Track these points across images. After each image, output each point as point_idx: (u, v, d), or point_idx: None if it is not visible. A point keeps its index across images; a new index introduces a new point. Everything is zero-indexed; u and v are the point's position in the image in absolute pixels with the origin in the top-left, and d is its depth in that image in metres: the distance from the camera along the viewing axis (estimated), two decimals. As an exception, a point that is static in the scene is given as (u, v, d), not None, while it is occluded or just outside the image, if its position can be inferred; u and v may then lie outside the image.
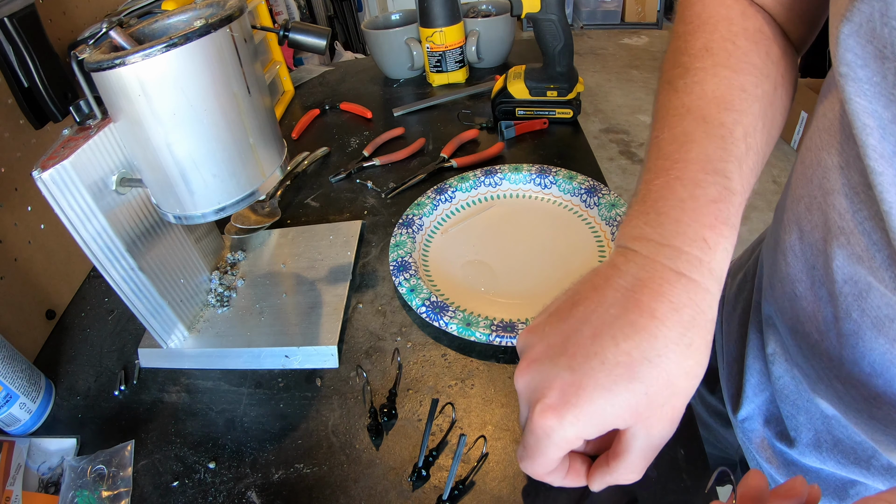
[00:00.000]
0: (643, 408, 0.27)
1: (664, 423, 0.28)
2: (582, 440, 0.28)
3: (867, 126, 0.26)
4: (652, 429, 0.28)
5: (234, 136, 0.42)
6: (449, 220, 0.66)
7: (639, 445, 0.28)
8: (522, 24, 3.38)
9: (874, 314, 0.31)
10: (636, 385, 0.26)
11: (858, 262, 0.30)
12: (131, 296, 0.49)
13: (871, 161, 0.26)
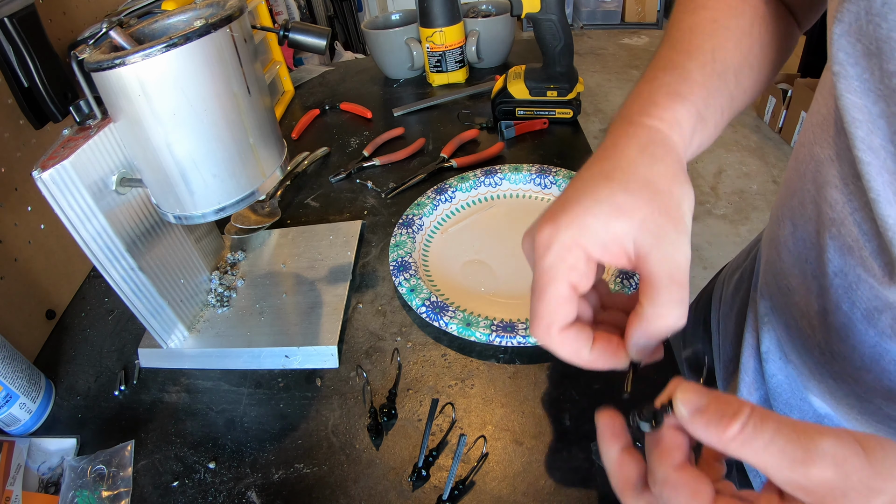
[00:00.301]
0: (636, 211, 0.27)
1: (670, 233, 0.27)
2: (586, 258, 0.28)
3: (856, 119, 0.27)
4: (663, 241, 0.27)
5: (234, 136, 0.42)
6: (449, 220, 0.66)
7: (662, 268, 0.27)
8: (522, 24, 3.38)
9: (864, 306, 0.31)
10: (613, 184, 0.28)
11: (849, 253, 0.31)
12: (131, 296, 0.49)
13: (860, 152, 0.27)
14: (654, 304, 0.27)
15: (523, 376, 0.48)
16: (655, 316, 0.27)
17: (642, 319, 0.27)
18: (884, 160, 0.27)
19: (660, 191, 0.28)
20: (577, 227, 0.27)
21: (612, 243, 0.27)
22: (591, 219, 0.27)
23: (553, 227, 0.28)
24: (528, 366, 0.49)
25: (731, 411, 0.22)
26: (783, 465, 0.22)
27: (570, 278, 0.28)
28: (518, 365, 0.49)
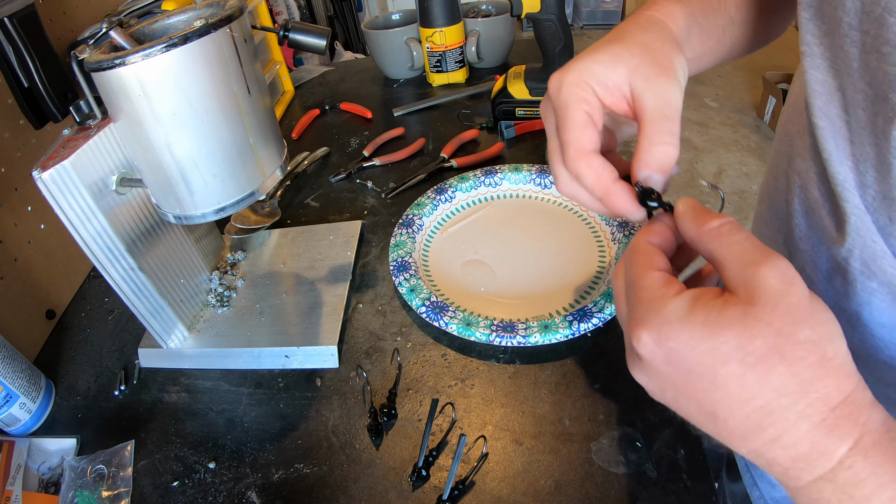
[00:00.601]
0: (631, 59, 0.31)
1: (661, 76, 0.30)
2: (594, 93, 0.31)
3: (816, 91, 0.31)
4: (654, 83, 0.30)
5: (234, 136, 0.42)
6: (449, 220, 0.66)
7: (653, 104, 0.30)
8: (522, 24, 3.38)
9: (824, 267, 0.33)
10: (613, 44, 0.32)
11: (811, 215, 0.34)
12: (131, 296, 0.49)
13: (817, 119, 0.31)
14: (647, 137, 0.30)
15: (523, 376, 0.48)
16: (650, 146, 0.29)
17: (640, 152, 0.30)
18: (839, 127, 0.30)
19: (653, 48, 0.32)
20: (582, 70, 0.31)
21: (612, 86, 0.31)
22: (594, 65, 0.31)
23: (561, 73, 0.32)
24: (528, 366, 0.49)
25: (715, 215, 0.26)
26: (740, 259, 0.24)
27: (584, 108, 0.31)
28: (518, 365, 0.49)
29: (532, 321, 0.50)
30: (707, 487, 0.39)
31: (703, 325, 0.23)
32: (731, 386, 0.23)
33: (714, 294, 0.25)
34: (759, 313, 0.23)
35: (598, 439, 0.43)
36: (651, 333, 0.25)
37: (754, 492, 0.48)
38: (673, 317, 0.24)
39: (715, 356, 0.23)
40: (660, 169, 0.30)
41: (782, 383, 0.22)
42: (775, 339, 0.23)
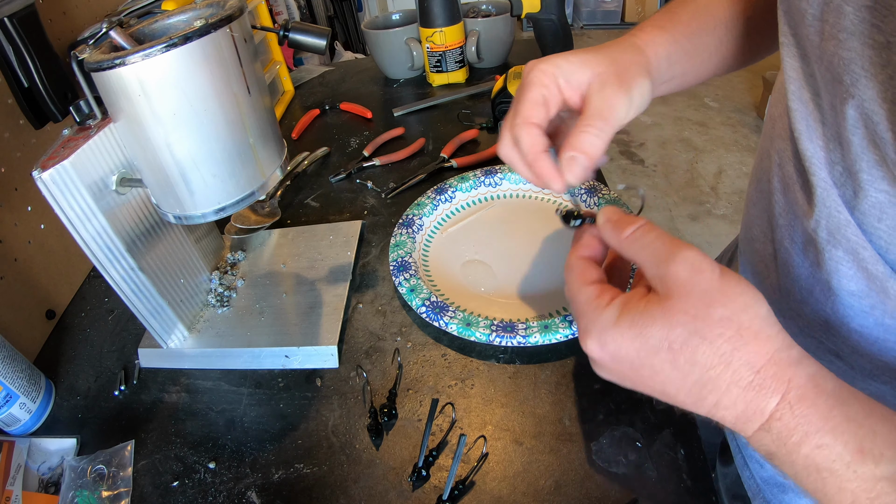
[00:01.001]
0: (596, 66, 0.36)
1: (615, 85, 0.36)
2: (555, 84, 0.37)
3: (790, 77, 0.33)
4: (606, 88, 0.35)
5: (234, 136, 0.42)
6: (449, 220, 0.66)
7: (596, 103, 0.35)
8: (522, 24, 3.38)
9: (800, 240, 0.36)
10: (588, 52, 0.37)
11: (788, 191, 0.36)
12: (131, 296, 0.49)
13: (790, 102, 0.34)
14: (579, 125, 0.35)
15: (523, 376, 0.48)
16: (578, 132, 0.34)
17: (570, 136, 0.35)
18: (811, 110, 0.32)
19: (621, 65, 0.37)
20: (553, 62, 0.37)
21: (574, 82, 0.36)
22: (565, 62, 0.37)
23: (537, 61, 0.37)
24: (528, 366, 0.49)
25: (630, 221, 0.31)
26: (653, 260, 0.29)
27: (542, 91, 0.36)
28: (518, 365, 0.49)
29: (532, 321, 0.50)
30: (707, 487, 0.39)
31: (631, 326, 0.28)
32: (667, 370, 0.27)
33: (640, 295, 0.29)
34: (675, 305, 0.27)
35: (598, 439, 0.43)
36: (593, 341, 0.29)
37: (745, 472, 0.49)
38: (607, 324, 0.29)
39: (647, 349, 0.27)
40: (582, 152, 0.34)
41: (707, 359, 0.26)
42: (693, 323, 0.26)
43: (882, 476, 0.25)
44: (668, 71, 0.41)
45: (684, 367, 0.27)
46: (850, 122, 0.28)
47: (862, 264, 0.32)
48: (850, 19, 0.27)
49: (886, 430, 0.26)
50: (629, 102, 0.36)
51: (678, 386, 0.27)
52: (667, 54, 0.41)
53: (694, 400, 0.27)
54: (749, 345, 0.26)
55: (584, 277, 0.32)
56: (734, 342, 0.26)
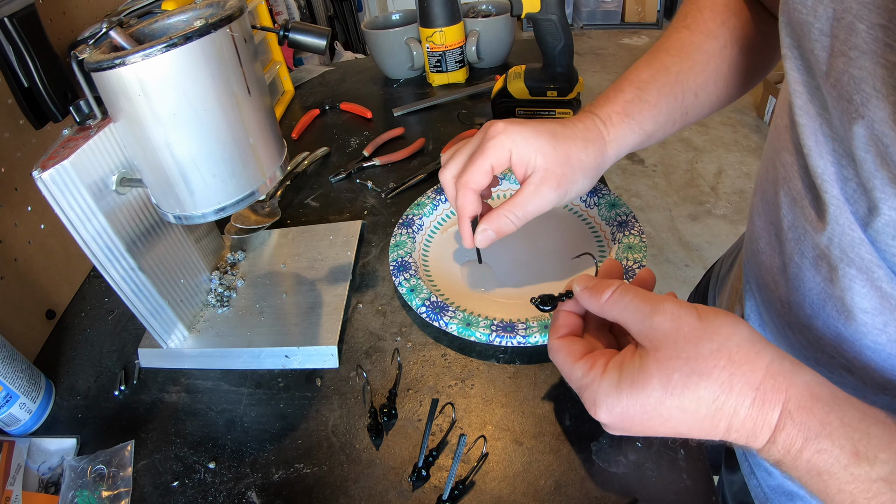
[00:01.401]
0: (543, 158, 0.42)
1: (550, 183, 0.42)
2: (508, 155, 0.42)
3: (796, 91, 0.33)
4: (542, 184, 0.42)
5: (234, 136, 0.42)
6: (449, 220, 0.66)
7: (525, 193, 0.43)
8: (522, 24, 3.38)
9: (810, 255, 0.36)
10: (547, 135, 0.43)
11: (796, 206, 0.36)
12: (131, 296, 0.49)
13: (798, 117, 0.33)
14: (503, 207, 0.43)
15: (523, 376, 0.48)
16: (498, 214, 0.44)
17: (491, 214, 0.44)
18: (819, 124, 0.32)
19: (570, 162, 0.43)
20: (511, 139, 0.42)
21: (523, 162, 0.42)
22: (522, 142, 0.42)
23: (505, 126, 0.42)
24: (528, 366, 0.49)
25: (606, 285, 0.33)
26: (636, 318, 0.31)
27: (492, 162, 0.42)
28: (518, 365, 0.49)
29: (532, 321, 0.50)
30: (707, 487, 0.39)
31: (632, 386, 0.30)
32: (676, 415, 0.29)
33: (631, 353, 0.31)
34: (665, 354, 0.29)
35: (598, 439, 0.43)
36: (601, 410, 0.31)
37: (752, 480, 0.48)
38: (610, 391, 0.30)
39: (653, 403, 0.29)
40: (496, 230, 0.44)
41: (710, 392, 0.28)
42: (687, 365, 0.28)
43: (878, 477, 0.26)
44: (647, 137, 0.46)
45: (691, 407, 0.28)
46: (859, 140, 0.28)
47: (876, 283, 0.31)
48: (862, 37, 0.26)
49: (880, 433, 0.27)
50: (557, 200, 0.43)
51: (690, 424, 0.29)
52: (630, 146, 0.46)
53: (708, 431, 0.29)
54: (743, 366, 0.28)
55: (572, 355, 0.34)
56: (730, 368, 0.28)
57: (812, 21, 0.30)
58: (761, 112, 2.71)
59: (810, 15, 0.30)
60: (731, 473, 0.56)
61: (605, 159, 0.44)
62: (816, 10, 0.29)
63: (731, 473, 0.56)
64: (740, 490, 0.52)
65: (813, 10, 0.29)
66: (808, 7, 0.30)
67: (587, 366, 0.32)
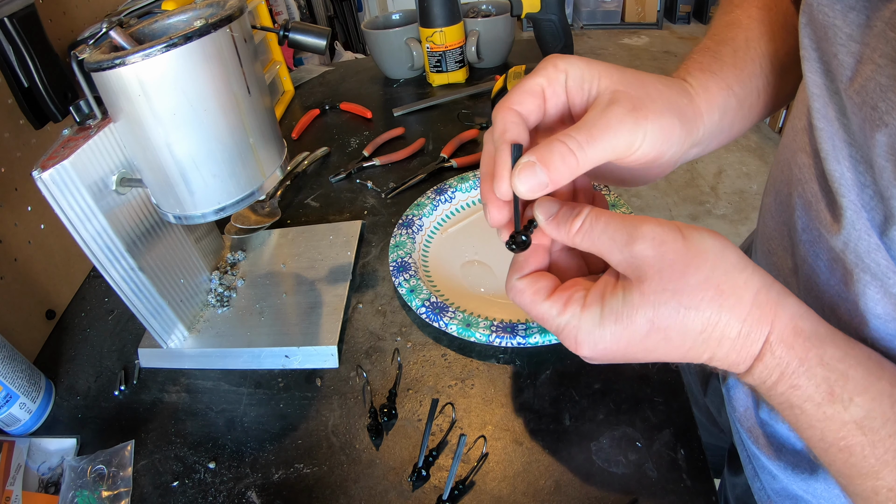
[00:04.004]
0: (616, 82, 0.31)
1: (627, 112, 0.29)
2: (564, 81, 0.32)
3: (814, 94, 0.32)
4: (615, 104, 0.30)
5: (234, 136, 0.42)
6: (449, 221, 0.66)
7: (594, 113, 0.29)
8: (522, 24, 3.38)
9: (825, 257, 0.35)
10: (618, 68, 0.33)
11: (810, 208, 0.35)
12: (131, 296, 0.49)
13: (815, 121, 0.32)
14: (558, 133, 0.29)
15: (523, 376, 0.48)
16: (551, 139, 0.28)
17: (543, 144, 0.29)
18: (836, 129, 0.31)
19: (649, 90, 0.31)
20: (568, 62, 0.32)
21: (585, 87, 0.31)
22: (582, 64, 0.32)
23: (558, 56, 0.32)
24: (528, 366, 0.49)
25: (575, 213, 0.29)
26: (613, 247, 0.28)
27: (542, 82, 0.32)
28: (518, 365, 0.49)
29: (532, 321, 0.50)
30: (707, 487, 0.39)
31: (616, 321, 0.28)
32: (661, 346, 0.28)
33: (612, 285, 0.29)
34: (651, 286, 0.27)
35: (598, 439, 0.43)
36: (583, 347, 0.29)
37: (755, 483, 0.48)
38: (592, 326, 0.29)
39: (638, 336, 0.28)
40: (545, 163, 0.28)
41: (697, 325, 0.27)
42: (675, 298, 0.27)
43: (850, 420, 0.27)
44: (718, 124, 0.36)
45: (677, 340, 0.28)
46: (880, 148, 0.27)
47: (890, 290, 0.31)
48: (893, 45, 0.26)
49: (860, 376, 0.27)
50: (635, 133, 0.29)
51: (672, 354, 0.29)
52: (721, 103, 0.36)
53: (690, 359, 0.29)
54: (731, 297, 0.27)
55: (539, 294, 0.31)
56: (717, 301, 0.27)
57: (840, 25, 0.29)
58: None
59: (838, 19, 0.29)
60: (734, 476, 0.55)
61: (695, 105, 0.34)
62: (847, 15, 0.28)
63: (734, 476, 0.55)
64: (744, 493, 0.52)
65: (842, 15, 0.29)
66: (837, 11, 0.29)
67: (561, 303, 0.30)
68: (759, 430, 0.45)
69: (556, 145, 0.28)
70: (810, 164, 0.35)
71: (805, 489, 0.41)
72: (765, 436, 0.44)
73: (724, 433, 0.62)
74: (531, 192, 0.28)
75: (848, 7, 0.28)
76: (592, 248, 0.29)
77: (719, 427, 0.62)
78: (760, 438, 0.44)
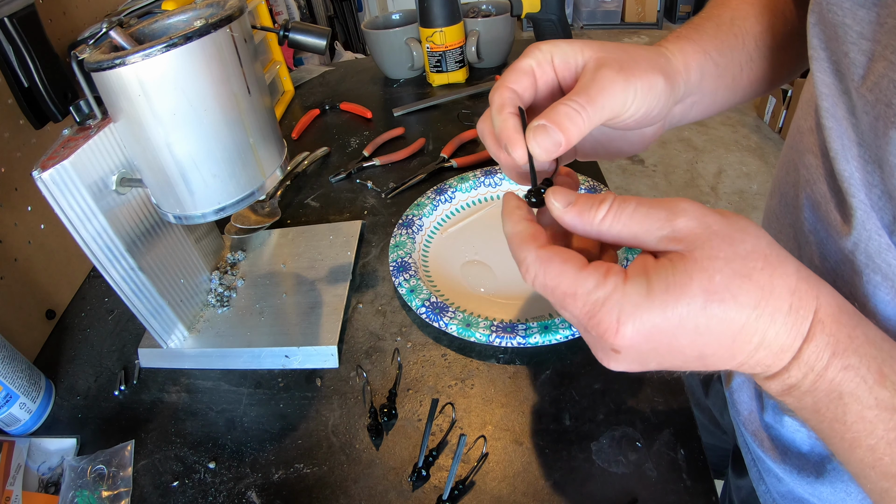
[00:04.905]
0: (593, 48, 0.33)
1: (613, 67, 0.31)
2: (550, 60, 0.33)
3: (823, 93, 0.32)
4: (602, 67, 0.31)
5: (234, 136, 0.42)
6: (449, 221, 0.66)
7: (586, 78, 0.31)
8: (522, 24, 3.38)
9: (833, 259, 0.34)
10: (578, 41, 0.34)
11: (819, 209, 0.35)
12: (131, 296, 0.49)
13: (824, 120, 0.32)
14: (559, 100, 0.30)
15: (523, 376, 0.48)
16: (556, 104, 0.30)
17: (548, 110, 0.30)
18: (845, 129, 0.31)
19: (629, 54, 0.32)
20: (552, 43, 0.33)
21: (571, 62, 0.33)
22: (564, 44, 0.33)
23: (538, 42, 0.34)
24: (528, 366, 0.49)
25: (599, 199, 0.27)
26: (651, 228, 0.26)
27: (531, 62, 0.33)
28: (518, 365, 0.49)
29: (532, 321, 0.50)
30: (707, 487, 0.39)
31: (667, 291, 0.25)
32: (714, 326, 0.25)
33: (652, 260, 0.26)
34: (701, 255, 0.25)
35: (598, 439, 0.43)
36: (628, 326, 0.25)
37: (760, 486, 0.48)
38: (639, 300, 0.25)
39: (692, 312, 0.24)
40: (555, 122, 0.29)
41: (751, 297, 0.24)
42: (728, 265, 0.24)
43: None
44: (698, 85, 0.37)
45: (731, 314, 0.24)
46: (893, 146, 0.27)
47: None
48: None
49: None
50: (626, 91, 0.31)
51: (721, 339, 0.25)
52: (697, 65, 0.37)
53: (735, 351, 0.25)
54: (779, 267, 0.25)
55: (570, 262, 0.27)
56: (768, 270, 0.25)
57: (850, 24, 0.28)
58: (761, 112, 2.71)
59: (848, 17, 0.29)
60: (738, 478, 0.55)
61: (672, 65, 0.35)
62: (857, 13, 0.28)
63: (738, 478, 0.55)
64: (749, 495, 0.51)
65: (852, 13, 0.28)
66: (846, 9, 0.29)
67: (600, 273, 0.26)
68: (763, 433, 0.44)
69: (561, 108, 0.29)
70: (818, 165, 0.35)
71: (811, 492, 0.41)
72: (770, 439, 0.44)
73: (726, 434, 0.62)
74: (547, 151, 0.29)
75: (857, 5, 0.28)
76: (622, 235, 0.27)
77: (722, 428, 0.62)
78: (765, 441, 0.44)
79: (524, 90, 0.33)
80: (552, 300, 0.28)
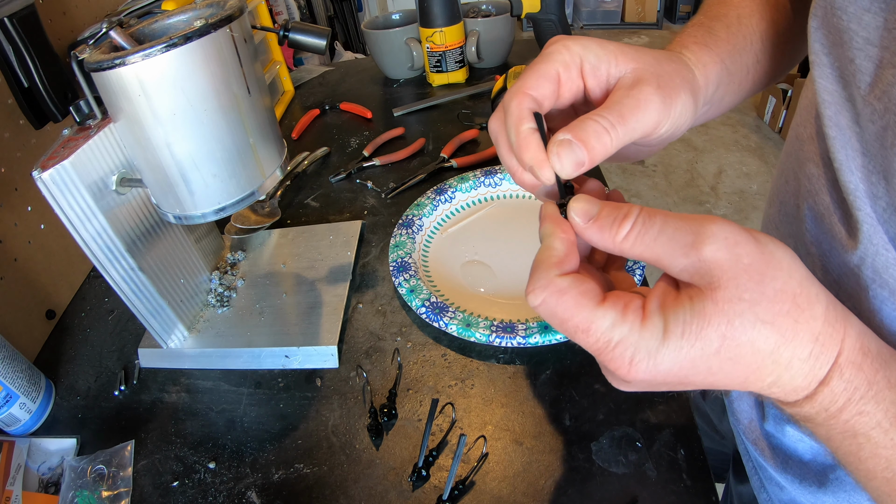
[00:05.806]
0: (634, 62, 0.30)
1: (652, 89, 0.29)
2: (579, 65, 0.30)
3: (826, 101, 0.31)
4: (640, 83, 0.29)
5: (234, 136, 0.42)
6: (449, 221, 0.66)
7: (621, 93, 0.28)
8: (522, 24, 3.38)
9: (836, 272, 0.33)
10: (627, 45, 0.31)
11: (822, 221, 0.34)
12: (131, 296, 0.49)
13: (828, 129, 0.31)
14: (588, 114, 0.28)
15: (523, 376, 0.48)
16: (583, 118, 0.27)
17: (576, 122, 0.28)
18: (848, 138, 0.30)
19: (664, 67, 0.30)
20: (581, 44, 0.30)
21: (602, 70, 0.29)
22: (596, 46, 0.30)
23: (567, 38, 0.30)
24: (528, 366, 0.49)
25: (622, 214, 0.25)
26: (676, 251, 0.23)
27: (557, 67, 0.29)
28: (518, 365, 0.49)
29: (532, 321, 0.50)
30: (707, 487, 0.39)
31: (683, 335, 0.23)
32: (725, 370, 0.24)
33: (673, 295, 0.24)
34: (725, 294, 0.23)
35: (598, 439, 0.43)
36: (640, 368, 0.24)
37: (762, 494, 0.47)
38: (654, 344, 0.24)
39: (706, 355, 0.23)
40: (581, 139, 0.27)
41: (772, 343, 0.23)
42: (752, 310, 0.23)
43: None
44: (713, 96, 0.36)
45: (745, 360, 0.23)
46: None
47: None
48: None
49: None
50: (662, 112, 0.28)
51: (735, 379, 0.24)
52: (715, 76, 0.35)
53: (747, 385, 0.25)
54: (805, 312, 0.23)
55: (587, 296, 0.25)
56: (794, 315, 0.23)
57: (856, 29, 0.27)
58: (761, 112, 2.71)
59: (853, 22, 0.27)
60: (739, 484, 0.55)
61: (696, 80, 0.33)
62: (862, 18, 0.27)
63: (739, 484, 0.55)
64: (750, 502, 0.51)
65: (857, 18, 0.27)
66: (851, 14, 0.27)
67: (618, 310, 0.24)
68: (764, 441, 0.44)
69: (589, 123, 0.27)
70: (821, 175, 0.34)
71: (813, 501, 0.40)
72: (770, 447, 0.43)
73: (725, 439, 0.62)
74: (567, 170, 0.27)
75: (863, 10, 0.27)
76: (645, 255, 0.25)
77: (720, 433, 0.62)
78: (766, 450, 0.44)
79: (545, 98, 0.30)
80: (559, 329, 0.26)
